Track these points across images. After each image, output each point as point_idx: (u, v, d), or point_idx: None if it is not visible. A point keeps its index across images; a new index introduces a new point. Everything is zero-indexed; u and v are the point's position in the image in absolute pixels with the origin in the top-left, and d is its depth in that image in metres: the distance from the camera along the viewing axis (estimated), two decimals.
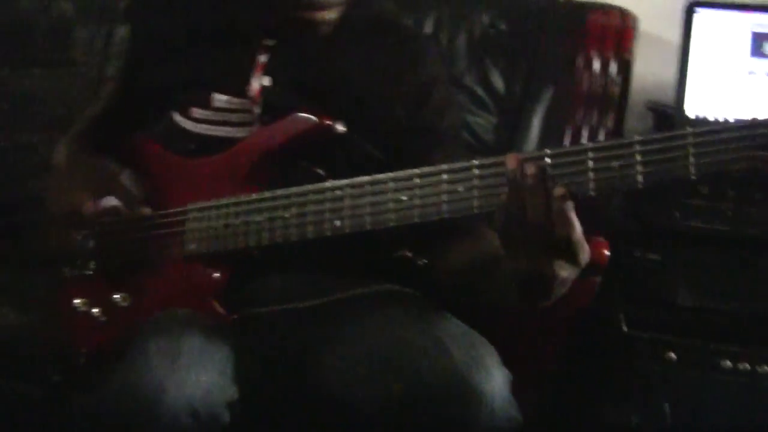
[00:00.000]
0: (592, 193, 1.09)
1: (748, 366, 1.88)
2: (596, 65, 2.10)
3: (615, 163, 1.06)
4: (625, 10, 2.16)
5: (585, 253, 1.17)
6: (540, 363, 1.75)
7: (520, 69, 2.18)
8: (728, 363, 1.89)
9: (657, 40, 2.25)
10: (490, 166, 1.18)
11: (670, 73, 2.06)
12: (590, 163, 1.08)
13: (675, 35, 2.06)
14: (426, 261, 1.70)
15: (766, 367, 1.88)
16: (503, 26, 2.21)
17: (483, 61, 2.20)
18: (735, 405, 1.89)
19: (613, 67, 2.09)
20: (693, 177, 1.01)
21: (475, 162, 1.18)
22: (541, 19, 2.19)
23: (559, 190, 1.12)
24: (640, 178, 1.05)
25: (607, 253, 1.63)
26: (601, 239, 1.65)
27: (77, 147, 1.63)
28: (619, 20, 2.12)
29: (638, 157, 1.05)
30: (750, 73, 1.99)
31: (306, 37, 1.55)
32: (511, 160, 1.15)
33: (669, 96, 2.07)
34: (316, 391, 1.47)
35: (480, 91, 2.19)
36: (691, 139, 1.02)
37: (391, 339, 1.41)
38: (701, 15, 2.01)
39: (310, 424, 1.50)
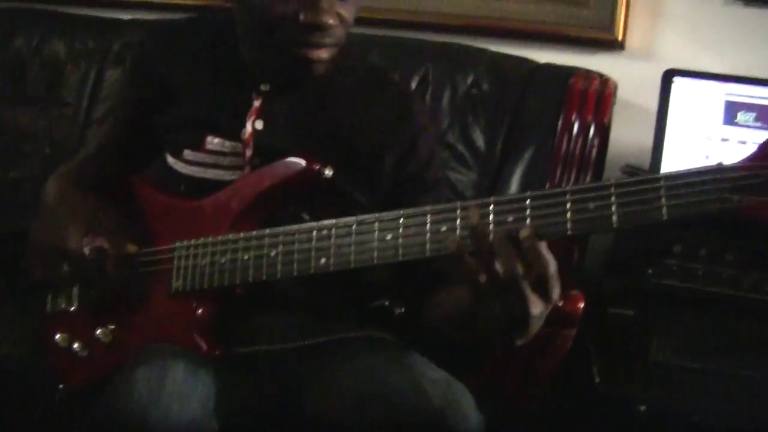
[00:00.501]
0: (570, 233, 1.12)
1: (716, 422, 1.91)
2: (575, 128, 2.14)
3: (591, 205, 1.11)
4: (605, 76, 2.22)
5: (557, 289, 1.19)
6: (517, 415, 1.77)
7: (501, 128, 2.22)
8: (696, 418, 1.91)
9: (634, 106, 2.32)
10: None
11: (647, 138, 2.11)
12: (568, 205, 1.12)
13: (652, 102, 2.12)
14: (403, 310, 1.73)
15: (734, 424, 1.91)
16: (486, 86, 2.26)
17: (465, 119, 2.25)
18: None
19: (592, 131, 2.13)
20: (665, 219, 1.05)
21: (459, 203, 1.22)
22: (523, 81, 2.24)
23: (525, 231, 1.16)
24: (614, 218, 1.09)
25: (581, 306, 1.68)
26: (577, 293, 1.69)
27: (66, 184, 1.65)
28: (599, 86, 2.17)
29: (613, 200, 1.09)
30: (723, 140, 2.05)
31: (299, 81, 1.59)
32: (474, 215, 1.19)
33: (644, 160, 2.12)
34: (299, 428, 1.49)
35: (461, 148, 2.24)
36: (663, 182, 1.06)
37: (372, 382, 1.44)
38: (678, 83, 2.08)
39: None
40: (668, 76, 2.09)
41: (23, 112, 2.52)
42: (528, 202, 1.15)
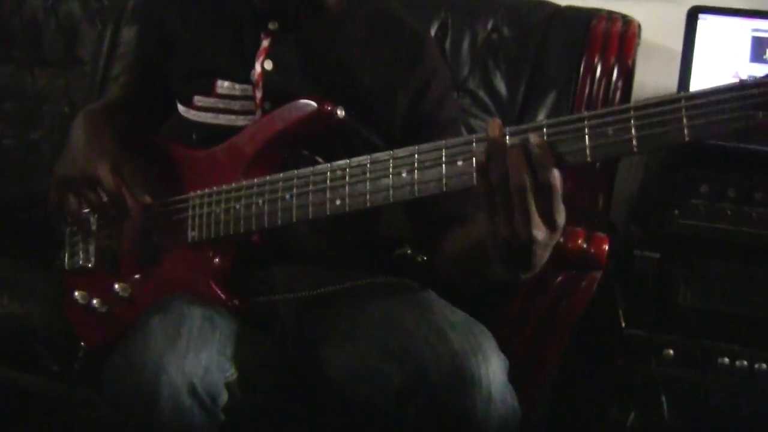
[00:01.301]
0: (589, 159, 1.09)
1: (745, 363, 1.88)
2: (599, 71, 2.10)
3: (610, 129, 1.07)
4: (628, 17, 2.17)
5: (562, 215, 1.14)
6: (543, 358, 1.75)
7: (522, 73, 2.18)
8: (726, 360, 1.89)
9: (659, 47, 2.27)
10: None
11: (672, 80, 2.07)
12: (586, 131, 1.09)
13: (677, 43, 2.07)
14: (425, 258, 1.71)
15: (763, 365, 1.88)
16: (506, 31, 2.22)
17: (486, 65, 2.21)
18: (732, 402, 1.89)
19: (616, 73, 2.10)
20: (687, 139, 1.02)
21: (474, 137, 1.19)
22: (544, 25, 2.19)
23: (535, 138, 1.11)
24: (635, 142, 1.06)
25: (606, 247, 1.65)
26: (601, 235, 1.66)
27: (95, 121, 1.61)
28: (622, 27, 2.13)
29: (633, 123, 1.06)
30: (750, 77, 1.98)
31: (309, 18, 1.56)
32: (493, 128, 1.15)
33: None
34: (318, 378, 1.48)
35: (483, 95, 2.20)
36: (683, 103, 1.03)
37: (392, 327, 1.42)
38: (703, 21, 2.03)
39: (311, 409, 1.51)
40: (693, 14, 2.04)
41: (41, 73, 2.51)
42: (545, 130, 1.12)
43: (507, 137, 1.14)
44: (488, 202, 1.15)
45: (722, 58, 2.02)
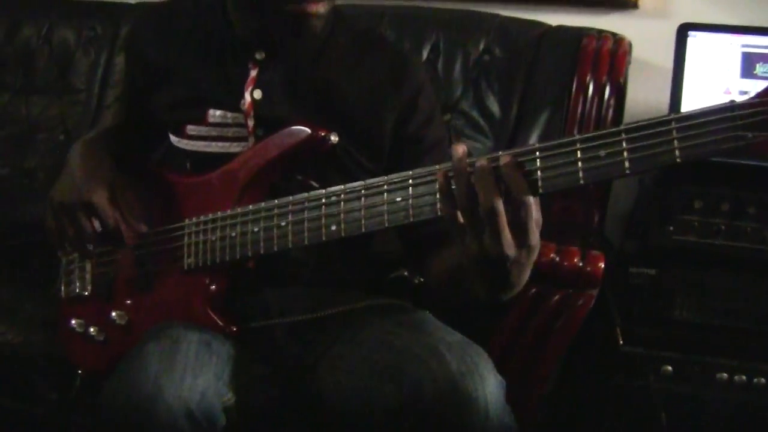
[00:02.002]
0: (582, 182, 1.09)
1: (744, 378, 1.88)
2: (590, 89, 2.10)
3: (602, 152, 1.08)
4: (618, 35, 2.18)
5: (535, 233, 1.15)
6: (539, 377, 1.75)
7: (515, 93, 2.19)
8: (724, 376, 1.89)
9: (651, 65, 2.28)
10: None
11: (663, 96, 2.08)
12: (579, 154, 1.09)
13: (668, 60, 2.08)
14: (422, 279, 1.71)
15: (762, 380, 1.88)
16: (498, 52, 2.22)
17: (479, 86, 2.22)
18: (731, 417, 1.89)
19: (607, 91, 2.10)
20: (678, 160, 1.02)
21: (467, 161, 1.19)
22: (535, 45, 2.20)
23: (505, 158, 1.13)
24: (627, 164, 1.06)
25: (602, 266, 1.65)
26: (597, 253, 1.67)
27: (93, 148, 1.61)
28: (612, 45, 2.14)
29: (624, 145, 1.06)
30: (741, 93, 2.01)
31: (294, 45, 1.57)
32: (456, 151, 1.16)
33: None
34: (315, 400, 1.48)
35: (476, 116, 2.21)
36: (674, 124, 1.04)
37: (389, 348, 1.43)
38: (693, 38, 2.04)
39: (307, 430, 1.51)
40: (683, 31, 2.05)
41: (35, 101, 2.53)
42: (538, 153, 1.12)
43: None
44: (452, 224, 1.17)
45: (713, 74, 2.03)
